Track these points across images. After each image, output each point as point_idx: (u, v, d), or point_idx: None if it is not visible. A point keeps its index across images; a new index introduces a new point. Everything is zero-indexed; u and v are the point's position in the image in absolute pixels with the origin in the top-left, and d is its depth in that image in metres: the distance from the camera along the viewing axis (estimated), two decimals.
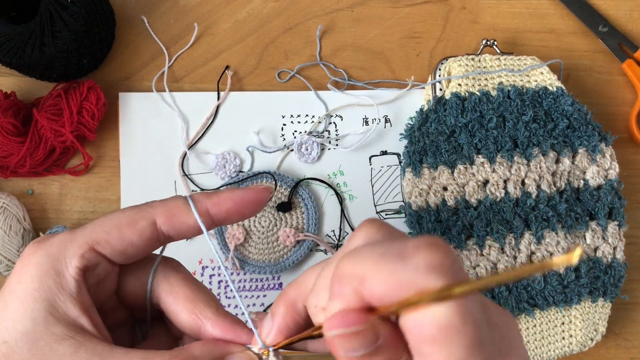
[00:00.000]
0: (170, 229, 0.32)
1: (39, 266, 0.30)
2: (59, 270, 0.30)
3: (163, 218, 0.32)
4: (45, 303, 0.29)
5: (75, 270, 0.30)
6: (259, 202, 0.34)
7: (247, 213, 0.34)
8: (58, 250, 0.31)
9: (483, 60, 0.65)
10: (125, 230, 0.31)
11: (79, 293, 0.30)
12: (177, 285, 0.33)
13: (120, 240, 0.31)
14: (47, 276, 0.30)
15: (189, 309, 0.32)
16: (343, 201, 0.66)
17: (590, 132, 0.64)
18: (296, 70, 0.68)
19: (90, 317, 0.30)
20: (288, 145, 0.66)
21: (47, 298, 0.30)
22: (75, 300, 0.30)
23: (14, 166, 0.63)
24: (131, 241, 0.32)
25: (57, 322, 0.29)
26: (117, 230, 0.31)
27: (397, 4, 0.70)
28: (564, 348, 0.62)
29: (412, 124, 0.65)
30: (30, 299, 0.29)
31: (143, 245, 0.32)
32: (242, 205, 0.33)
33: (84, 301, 0.30)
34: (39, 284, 0.30)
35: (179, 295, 0.33)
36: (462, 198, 0.63)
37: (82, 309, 0.30)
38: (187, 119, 0.66)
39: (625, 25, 0.71)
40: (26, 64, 0.60)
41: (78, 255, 0.31)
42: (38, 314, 0.29)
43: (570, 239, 0.62)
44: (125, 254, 0.32)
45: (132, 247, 0.32)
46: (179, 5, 0.69)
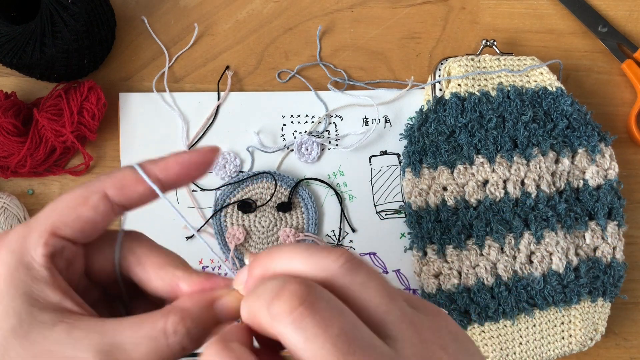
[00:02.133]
0: (123, 199, 0.32)
1: (5, 265, 0.30)
2: (27, 262, 0.30)
3: (113, 189, 0.32)
4: (25, 297, 0.29)
5: (43, 259, 0.30)
6: (206, 163, 0.34)
7: (196, 174, 0.34)
8: (19, 245, 0.31)
9: (483, 61, 0.65)
10: (79, 208, 0.31)
11: (53, 279, 0.30)
12: (142, 254, 0.33)
13: (77, 219, 0.31)
14: (18, 272, 0.30)
15: (159, 274, 0.33)
16: (343, 201, 0.66)
17: (589, 132, 0.64)
18: (296, 70, 0.68)
19: (71, 298, 0.30)
20: (288, 146, 0.66)
21: (24, 292, 0.30)
22: (52, 286, 0.30)
23: (14, 166, 0.63)
24: (87, 218, 0.32)
25: (42, 310, 0.29)
26: (71, 210, 0.31)
27: (397, 5, 0.70)
28: (564, 348, 0.62)
29: (411, 124, 0.65)
30: (7, 298, 0.29)
31: (100, 219, 0.32)
32: (190, 167, 0.34)
33: (61, 285, 0.30)
34: (12, 281, 0.30)
35: (146, 264, 0.33)
36: (462, 198, 0.63)
37: (61, 293, 0.30)
38: (188, 119, 0.67)
39: (625, 25, 0.71)
40: (27, 64, 0.61)
41: (41, 244, 0.30)
42: (20, 308, 0.29)
43: (569, 239, 0.62)
44: (84, 231, 0.32)
45: (89, 223, 0.32)
46: (179, 6, 0.69)
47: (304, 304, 0.26)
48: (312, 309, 0.26)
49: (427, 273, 0.62)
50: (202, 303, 0.31)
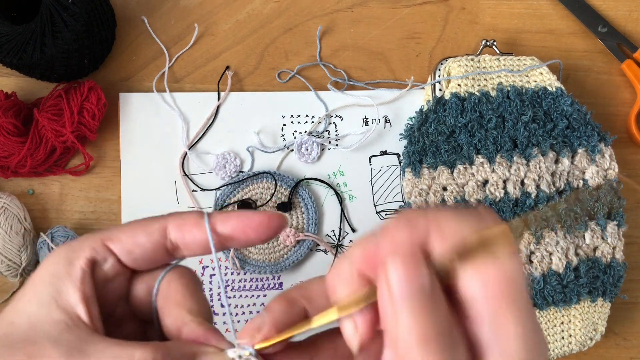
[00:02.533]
0: (178, 237, 0.33)
1: (57, 256, 0.32)
2: (71, 259, 0.32)
3: (173, 225, 0.33)
4: (52, 288, 0.31)
5: (84, 260, 0.32)
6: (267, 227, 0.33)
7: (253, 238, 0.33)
8: (77, 243, 0.33)
9: (482, 61, 0.65)
10: (137, 230, 0.33)
11: (82, 282, 0.31)
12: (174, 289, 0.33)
13: (130, 238, 0.33)
14: (60, 264, 0.32)
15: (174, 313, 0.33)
16: (343, 201, 0.66)
17: (589, 132, 0.64)
18: (296, 70, 0.68)
19: (87, 306, 0.31)
20: (288, 146, 0.67)
21: (54, 283, 0.31)
22: (77, 288, 0.31)
23: (14, 166, 0.63)
24: (139, 241, 0.32)
25: (57, 307, 0.31)
26: (130, 230, 0.33)
27: (397, 5, 0.70)
28: (564, 348, 0.62)
29: (411, 124, 0.65)
30: (41, 284, 0.31)
31: (150, 247, 0.33)
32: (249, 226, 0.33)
33: (86, 291, 0.31)
34: (52, 271, 0.32)
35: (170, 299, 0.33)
36: (462, 198, 0.63)
37: (81, 297, 0.31)
38: (188, 119, 0.67)
39: (625, 25, 0.71)
40: (27, 64, 0.61)
41: (90, 247, 0.32)
42: (45, 297, 0.31)
43: (569, 238, 0.62)
44: (132, 253, 0.33)
45: (139, 247, 0.33)
46: (179, 6, 0.69)
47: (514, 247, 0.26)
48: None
49: None
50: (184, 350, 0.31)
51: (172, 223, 0.33)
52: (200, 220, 0.33)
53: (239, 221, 0.33)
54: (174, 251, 0.33)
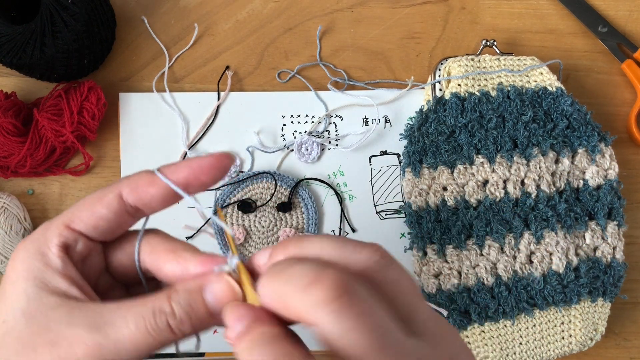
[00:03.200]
0: (136, 199, 0.33)
1: (25, 251, 0.33)
2: (43, 251, 0.32)
3: (127, 189, 0.33)
4: (36, 281, 0.32)
5: (56, 248, 0.32)
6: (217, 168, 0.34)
7: (207, 180, 0.34)
8: (40, 235, 0.33)
9: (483, 61, 0.65)
10: (95, 205, 0.33)
11: (64, 268, 0.32)
12: (156, 243, 0.34)
13: (91, 214, 0.33)
14: (34, 258, 0.32)
15: (170, 258, 0.34)
16: (343, 201, 0.66)
17: (589, 132, 0.64)
18: (296, 70, 0.68)
19: (79, 287, 0.32)
20: (288, 146, 0.66)
21: (36, 277, 0.32)
22: (62, 275, 0.32)
23: (14, 166, 0.63)
24: (100, 214, 0.33)
25: (49, 294, 0.31)
26: (87, 206, 0.33)
27: (397, 5, 0.70)
28: (564, 348, 0.62)
29: (411, 124, 0.65)
30: (21, 280, 0.32)
31: (113, 217, 0.33)
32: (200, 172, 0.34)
33: (71, 275, 0.32)
34: (28, 266, 0.32)
35: (159, 250, 0.34)
36: (462, 198, 0.63)
37: (70, 282, 0.32)
38: (188, 119, 0.67)
39: (625, 25, 0.71)
40: (27, 64, 0.61)
41: (56, 234, 0.33)
42: (30, 290, 0.31)
43: (569, 239, 0.62)
44: (97, 227, 0.33)
45: (102, 220, 0.33)
46: (179, 6, 0.69)
47: (345, 295, 0.26)
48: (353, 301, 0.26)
49: (427, 273, 0.62)
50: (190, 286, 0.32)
51: (126, 188, 0.33)
52: (152, 177, 0.33)
53: (190, 169, 0.33)
54: (135, 213, 0.34)
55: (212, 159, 0.34)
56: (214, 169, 0.34)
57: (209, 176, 0.34)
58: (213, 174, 0.34)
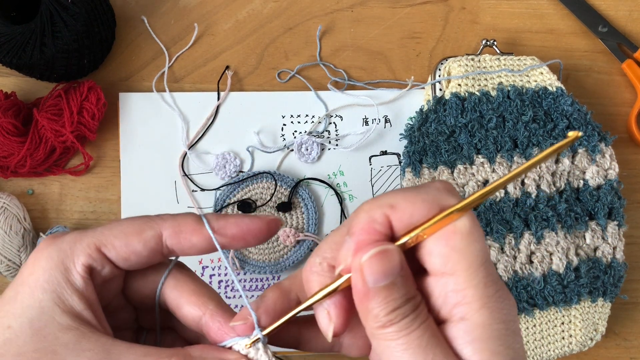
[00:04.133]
0: (175, 244, 0.33)
1: (49, 259, 0.31)
2: (67, 266, 0.31)
3: (170, 232, 0.33)
4: (54, 295, 0.31)
5: (82, 268, 0.32)
6: (265, 232, 0.34)
7: (252, 241, 0.34)
8: (68, 247, 0.32)
9: (483, 61, 0.65)
10: (132, 237, 0.32)
11: (85, 289, 0.31)
12: (183, 280, 0.34)
13: (126, 246, 0.32)
14: (57, 270, 0.31)
15: (192, 301, 0.33)
16: (343, 201, 0.66)
17: (589, 132, 0.64)
18: (296, 70, 0.68)
19: (94, 312, 0.31)
20: (288, 145, 0.66)
21: (55, 290, 0.31)
22: (81, 296, 0.31)
23: (14, 166, 0.63)
24: (135, 249, 0.32)
25: (63, 313, 0.30)
26: (123, 236, 0.32)
27: (397, 5, 0.70)
28: (564, 348, 0.62)
29: (412, 124, 0.65)
30: (39, 290, 0.31)
31: (146, 255, 0.33)
32: (248, 233, 0.34)
33: (90, 297, 0.32)
34: (49, 276, 0.31)
35: (184, 289, 0.34)
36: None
37: (87, 304, 0.31)
38: (187, 119, 0.67)
39: (625, 25, 0.71)
40: (26, 64, 0.61)
41: (85, 253, 0.32)
42: (46, 303, 0.31)
43: (570, 238, 0.62)
44: (128, 260, 0.33)
45: (135, 255, 0.33)
46: (179, 6, 0.69)
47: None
48: None
49: None
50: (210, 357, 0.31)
51: (168, 230, 0.33)
52: (197, 227, 0.33)
53: (238, 228, 0.33)
54: (168, 255, 0.34)
55: (263, 224, 0.34)
56: (262, 233, 0.34)
57: (255, 239, 0.34)
58: (259, 237, 0.34)
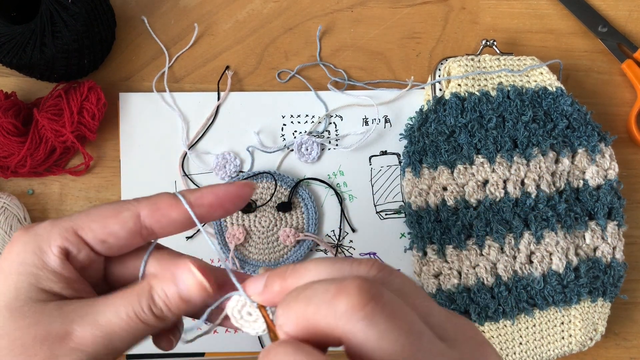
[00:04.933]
0: (154, 222, 0.33)
1: (25, 245, 0.32)
2: (43, 249, 0.32)
3: (147, 211, 0.33)
4: (29, 276, 0.31)
5: (58, 250, 0.32)
6: (241, 197, 0.34)
7: (230, 207, 0.34)
8: (44, 232, 0.32)
9: (483, 61, 0.65)
10: (109, 220, 0.32)
11: (62, 270, 0.32)
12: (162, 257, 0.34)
13: (103, 228, 0.32)
14: (32, 254, 0.31)
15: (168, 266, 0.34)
16: (343, 201, 0.66)
17: (589, 132, 0.64)
18: (296, 70, 0.68)
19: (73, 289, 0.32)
20: (288, 145, 0.66)
21: (31, 272, 0.31)
22: (59, 276, 0.31)
23: (14, 166, 0.63)
24: (112, 230, 0.32)
25: (40, 292, 0.31)
26: (100, 219, 0.32)
27: (397, 5, 0.70)
28: (564, 348, 0.62)
29: (411, 124, 0.65)
30: (14, 273, 0.31)
31: (124, 236, 0.33)
32: (224, 199, 0.34)
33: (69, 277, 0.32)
34: (24, 260, 0.31)
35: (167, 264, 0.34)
36: (462, 198, 0.63)
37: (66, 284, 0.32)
38: (188, 119, 0.67)
39: (625, 25, 0.71)
40: (27, 64, 0.61)
41: (62, 236, 0.32)
42: (21, 284, 0.31)
43: (569, 238, 0.62)
44: (106, 243, 0.33)
45: (113, 236, 0.33)
46: (179, 6, 0.69)
47: (374, 299, 0.25)
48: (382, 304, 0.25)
49: (427, 273, 0.62)
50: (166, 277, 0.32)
51: (145, 209, 0.33)
52: (174, 201, 0.33)
53: (215, 196, 0.33)
54: (148, 235, 0.34)
55: (236, 187, 0.34)
56: (238, 197, 0.34)
57: (232, 204, 0.34)
58: (236, 202, 0.34)
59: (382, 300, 0.25)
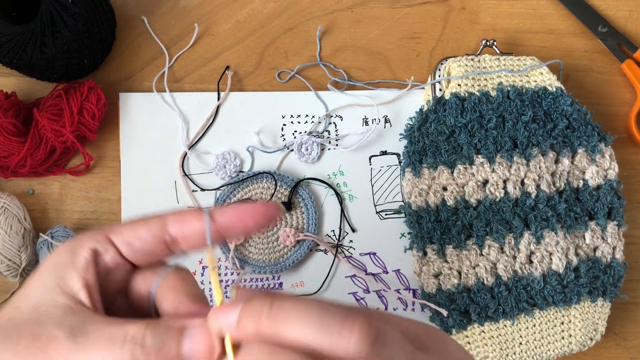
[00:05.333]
0: (178, 231, 0.34)
1: (63, 247, 0.34)
2: (75, 249, 0.34)
3: (173, 220, 0.34)
4: (57, 275, 0.33)
5: (87, 250, 0.34)
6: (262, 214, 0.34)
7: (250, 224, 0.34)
8: (82, 237, 0.34)
9: (483, 61, 0.65)
10: (137, 224, 0.34)
11: (85, 269, 0.33)
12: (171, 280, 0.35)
13: (130, 231, 0.34)
14: (66, 254, 0.34)
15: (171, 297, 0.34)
16: (343, 201, 0.66)
17: (589, 132, 0.64)
18: (296, 70, 0.68)
19: (89, 292, 0.33)
20: (288, 146, 0.66)
21: (59, 271, 0.33)
22: (80, 276, 0.33)
23: (14, 166, 0.63)
24: (139, 234, 0.34)
25: (62, 292, 0.32)
26: (131, 224, 0.35)
27: (397, 5, 0.70)
28: (564, 348, 0.62)
29: (411, 124, 0.65)
30: (46, 272, 0.33)
31: (149, 240, 0.34)
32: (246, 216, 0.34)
33: (88, 279, 0.33)
34: (57, 260, 0.34)
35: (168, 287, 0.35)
36: (462, 198, 0.63)
37: (83, 284, 0.33)
38: (188, 119, 0.67)
39: (625, 25, 0.71)
40: (27, 64, 0.61)
41: (94, 239, 0.34)
42: (49, 282, 0.33)
43: (569, 238, 0.62)
44: (131, 245, 0.34)
45: (138, 239, 0.34)
46: (179, 6, 0.69)
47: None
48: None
49: (427, 273, 0.62)
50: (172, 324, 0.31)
51: (172, 218, 0.34)
52: (199, 213, 0.34)
53: (237, 211, 0.34)
54: (172, 245, 0.35)
55: (262, 206, 0.34)
56: (261, 215, 0.34)
57: (254, 222, 0.34)
58: (258, 220, 0.34)
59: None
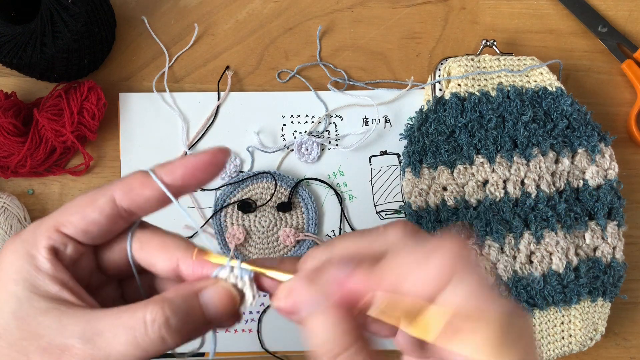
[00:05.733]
0: (129, 203, 0.33)
1: (15, 252, 0.32)
2: (32, 253, 0.32)
3: (120, 192, 0.32)
4: (26, 284, 0.31)
5: (45, 251, 0.32)
6: (213, 165, 0.33)
7: (203, 177, 0.33)
8: (30, 236, 0.32)
9: (483, 61, 0.65)
10: (86, 209, 0.32)
11: (54, 272, 0.31)
12: (145, 239, 0.34)
13: (82, 219, 0.32)
14: (23, 260, 0.31)
15: (161, 255, 0.33)
16: (343, 201, 0.66)
17: (589, 132, 0.64)
18: (296, 70, 0.68)
19: (71, 291, 0.31)
20: (288, 146, 0.66)
21: (26, 279, 0.31)
22: (53, 278, 0.31)
23: (14, 166, 0.63)
24: (92, 219, 0.32)
25: (40, 298, 0.31)
26: (78, 210, 0.32)
27: (397, 5, 0.70)
28: (564, 348, 0.62)
29: (411, 124, 0.65)
30: (11, 283, 0.31)
31: (104, 222, 0.32)
32: (196, 169, 0.33)
33: (62, 278, 0.32)
34: (17, 268, 0.31)
35: (150, 247, 0.33)
36: (462, 198, 0.63)
37: (61, 285, 0.31)
38: (188, 119, 0.67)
39: (625, 25, 0.71)
40: (27, 64, 0.61)
41: (45, 237, 0.32)
42: (21, 294, 0.31)
43: (569, 238, 0.62)
44: (88, 232, 0.32)
45: (93, 225, 0.32)
46: (179, 6, 0.69)
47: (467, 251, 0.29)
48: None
49: None
50: (184, 293, 0.31)
51: (119, 191, 0.32)
52: (146, 179, 0.32)
53: (185, 167, 0.33)
54: (129, 217, 0.33)
55: (207, 155, 0.33)
56: (210, 165, 0.33)
57: (206, 173, 0.33)
58: (209, 171, 0.33)
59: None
